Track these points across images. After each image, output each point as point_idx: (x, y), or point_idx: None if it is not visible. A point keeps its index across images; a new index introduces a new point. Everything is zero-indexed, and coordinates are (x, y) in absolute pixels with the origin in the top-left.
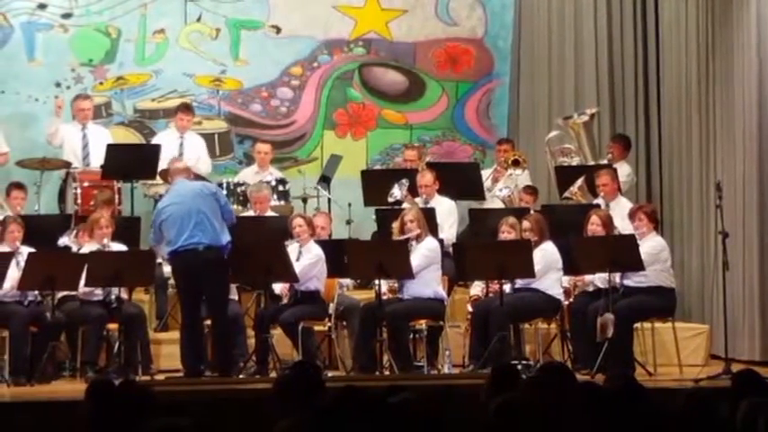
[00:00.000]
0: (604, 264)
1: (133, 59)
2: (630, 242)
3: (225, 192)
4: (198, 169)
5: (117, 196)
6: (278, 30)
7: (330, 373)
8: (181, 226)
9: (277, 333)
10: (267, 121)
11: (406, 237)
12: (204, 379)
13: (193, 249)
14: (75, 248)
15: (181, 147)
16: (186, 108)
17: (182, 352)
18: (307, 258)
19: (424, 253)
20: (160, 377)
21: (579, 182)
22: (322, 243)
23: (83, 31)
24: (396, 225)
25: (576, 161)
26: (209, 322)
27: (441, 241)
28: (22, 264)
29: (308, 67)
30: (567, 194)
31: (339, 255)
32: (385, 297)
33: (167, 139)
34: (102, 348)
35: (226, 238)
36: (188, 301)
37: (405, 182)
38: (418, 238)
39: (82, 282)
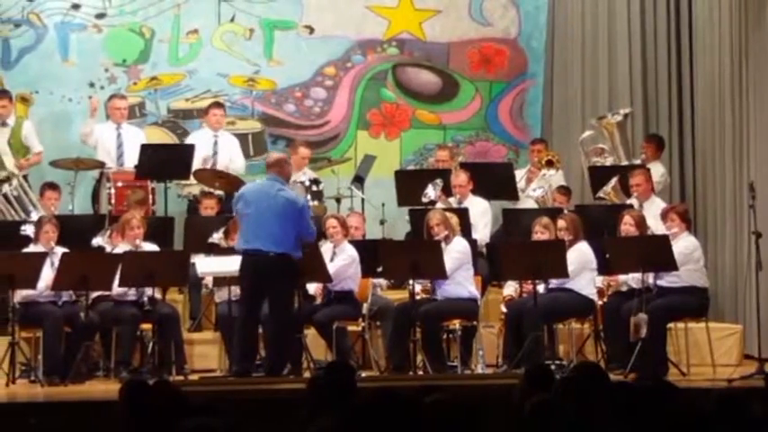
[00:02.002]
0: (638, 264)
1: (167, 60)
2: (663, 242)
3: None
4: (231, 169)
5: (150, 196)
6: (311, 30)
7: (364, 374)
8: (257, 230)
9: (311, 333)
10: (301, 122)
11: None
12: (238, 379)
13: (263, 254)
14: (108, 249)
15: (215, 146)
16: (218, 104)
17: (232, 350)
18: (341, 259)
19: (454, 256)
20: (194, 377)
21: (613, 182)
22: (356, 243)
23: (116, 32)
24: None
25: (609, 161)
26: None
27: (474, 241)
28: (56, 264)
29: (342, 67)
30: (600, 194)
31: (373, 255)
32: (419, 297)
33: (202, 139)
34: (135, 348)
35: (297, 253)
36: (246, 300)
37: (439, 182)
38: (446, 240)
39: (116, 282)
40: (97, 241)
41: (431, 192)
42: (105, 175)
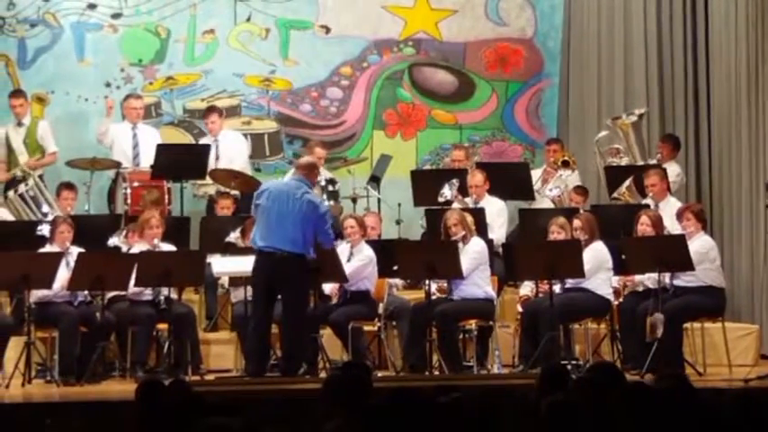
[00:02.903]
0: (654, 264)
1: (183, 59)
2: (680, 242)
3: None
4: (235, 164)
5: (166, 196)
6: (327, 30)
7: (380, 374)
8: (276, 228)
9: (327, 333)
10: (317, 122)
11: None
12: (254, 379)
13: (278, 252)
14: (124, 249)
15: (217, 150)
16: (209, 111)
17: (245, 349)
18: (358, 260)
19: (471, 256)
20: (210, 377)
21: (627, 182)
22: (372, 243)
23: (132, 32)
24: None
25: (624, 161)
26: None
27: (490, 241)
28: (72, 264)
29: (358, 67)
30: (615, 195)
31: (389, 255)
32: (435, 297)
33: None
34: (151, 348)
35: (311, 255)
36: (260, 300)
37: (455, 182)
38: (464, 240)
39: (131, 282)
40: (113, 241)
41: (447, 192)
42: (121, 175)
